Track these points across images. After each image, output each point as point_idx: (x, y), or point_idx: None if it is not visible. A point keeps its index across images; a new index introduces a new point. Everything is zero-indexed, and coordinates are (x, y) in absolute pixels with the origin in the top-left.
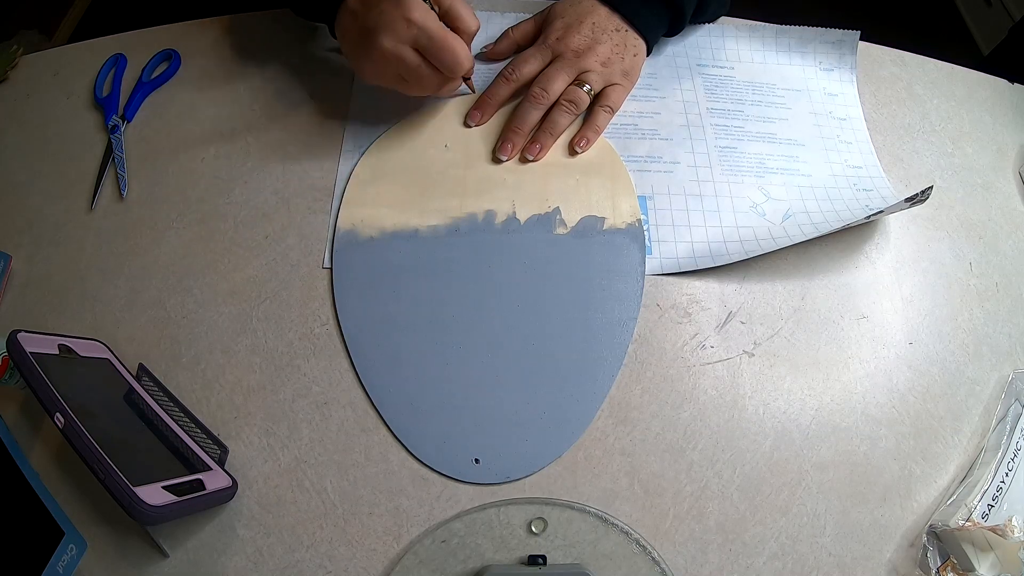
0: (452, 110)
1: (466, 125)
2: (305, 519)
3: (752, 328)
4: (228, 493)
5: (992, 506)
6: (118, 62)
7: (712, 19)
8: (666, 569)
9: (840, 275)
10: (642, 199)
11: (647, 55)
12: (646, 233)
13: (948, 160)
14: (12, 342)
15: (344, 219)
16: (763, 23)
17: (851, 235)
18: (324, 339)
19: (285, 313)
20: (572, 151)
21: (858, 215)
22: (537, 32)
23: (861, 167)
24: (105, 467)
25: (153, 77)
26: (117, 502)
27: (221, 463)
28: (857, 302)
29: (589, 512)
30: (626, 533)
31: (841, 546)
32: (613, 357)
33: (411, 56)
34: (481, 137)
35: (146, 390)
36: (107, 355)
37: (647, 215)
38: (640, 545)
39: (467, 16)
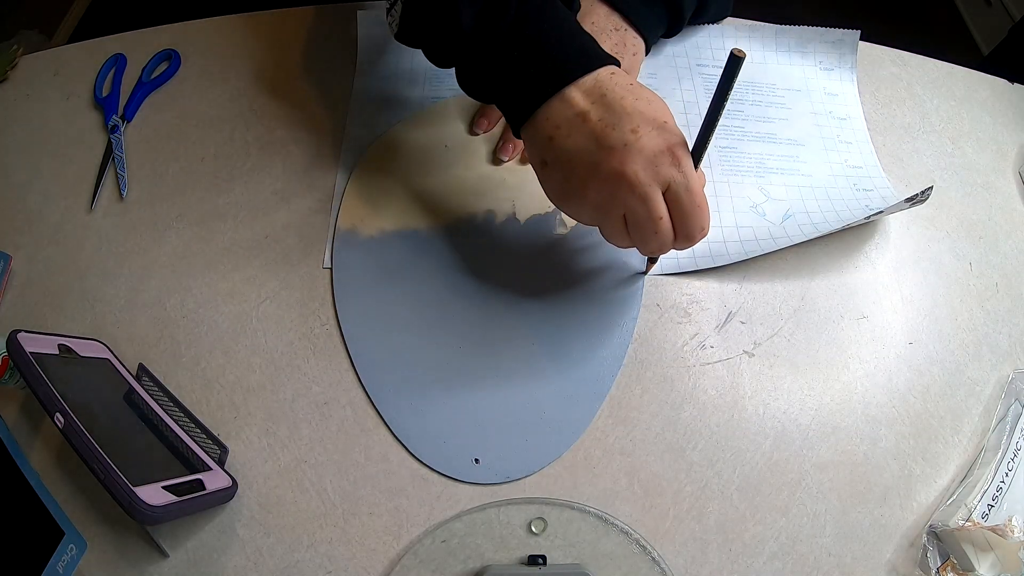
0: (452, 110)
1: (473, 133)
2: (305, 519)
3: (752, 328)
4: (228, 493)
5: (992, 506)
6: (118, 62)
7: (714, 20)
8: (666, 569)
9: (840, 275)
10: None
11: (645, 55)
12: None
13: (948, 160)
14: (12, 342)
15: (344, 219)
16: (763, 23)
17: (851, 235)
18: (324, 339)
19: (285, 313)
20: None
21: (858, 215)
22: None
23: (861, 167)
24: (105, 467)
25: (153, 77)
26: (117, 502)
27: (221, 463)
28: (857, 302)
29: (589, 512)
30: (626, 533)
31: (841, 546)
32: (613, 357)
33: (661, 202)
34: (481, 138)
35: (146, 390)
36: (107, 355)
37: None
38: (640, 545)
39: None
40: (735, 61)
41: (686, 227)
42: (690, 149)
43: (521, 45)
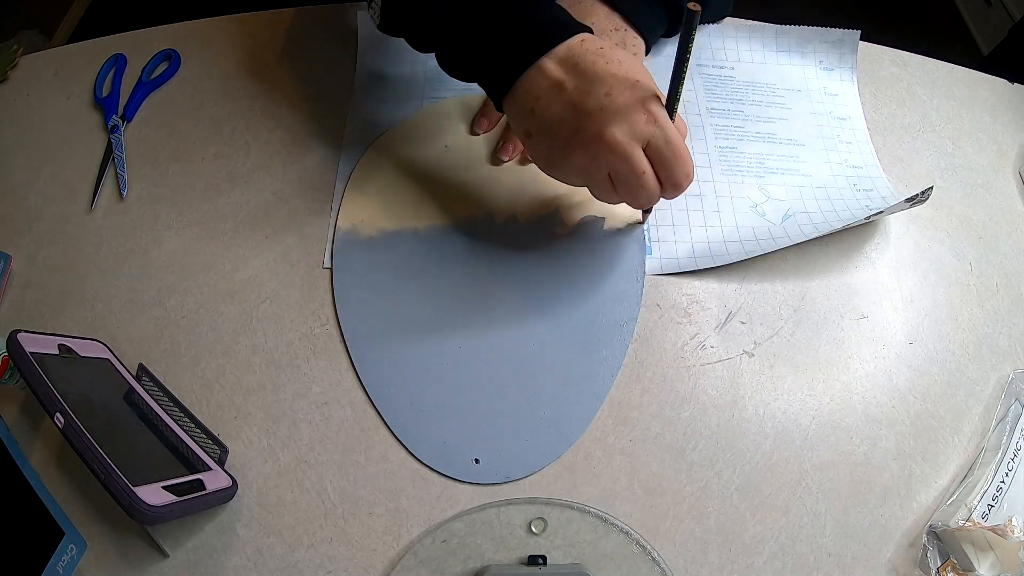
0: (452, 111)
1: (473, 133)
2: (305, 519)
3: (752, 328)
4: (228, 493)
5: (992, 506)
6: (118, 62)
7: (714, 20)
8: (666, 569)
9: (840, 275)
10: None
11: (646, 55)
12: (646, 233)
13: (948, 160)
14: (12, 342)
15: (344, 219)
16: (763, 23)
17: (851, 235)
18: (324, 339)
19: (285, 313)
20: None
21: (858, 215)
22: None
23: (861, 167)
24: (105, 467)
25: (153, 77)
26: (117, 502)
27: (221, 463)
28: (857, 302)
29: (589, 512)
30: (626, 533)
31: (841, 546)
32: (613, 357)
33: (642, 158)
34: (481, 138)
35: (146, 390)
36: (107, 355)
37: None
38: (640, 545)
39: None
40: (691, 15)
41: (671, 177)
42: (664, 103)
43: (495, 23)
